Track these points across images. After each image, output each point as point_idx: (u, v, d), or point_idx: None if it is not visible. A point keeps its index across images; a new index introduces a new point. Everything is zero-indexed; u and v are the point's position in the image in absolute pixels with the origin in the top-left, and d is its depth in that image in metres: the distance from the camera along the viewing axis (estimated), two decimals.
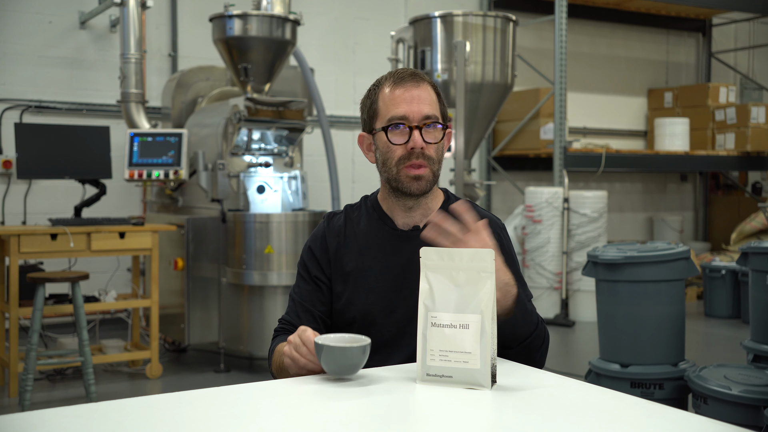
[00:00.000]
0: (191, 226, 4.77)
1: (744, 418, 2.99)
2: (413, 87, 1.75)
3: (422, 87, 1.76)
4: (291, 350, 1.56)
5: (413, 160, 1.73)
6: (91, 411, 1.30)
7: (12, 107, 5.74)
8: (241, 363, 4.92)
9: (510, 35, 5.67)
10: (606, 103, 8.69)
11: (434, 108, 1.76)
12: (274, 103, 5.03)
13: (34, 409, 2.26)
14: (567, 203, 6.45)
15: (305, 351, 1.53)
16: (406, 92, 1.74)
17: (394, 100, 1.75)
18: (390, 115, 1.74)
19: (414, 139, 1.73)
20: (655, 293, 3.47)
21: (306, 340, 1.53)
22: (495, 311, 1.48)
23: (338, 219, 1.89)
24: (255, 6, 5.23)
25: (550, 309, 6.37)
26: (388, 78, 1.79)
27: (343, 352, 1.46)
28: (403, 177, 1.75)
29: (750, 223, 7.66)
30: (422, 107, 1.74)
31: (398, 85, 1.75)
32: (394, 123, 1.74)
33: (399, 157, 1.75)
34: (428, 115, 1.74)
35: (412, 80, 1.75)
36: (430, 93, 1.76)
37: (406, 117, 1.73)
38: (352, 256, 1.83)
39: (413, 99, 1.74)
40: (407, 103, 1.73)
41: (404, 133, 1.74)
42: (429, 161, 1.75)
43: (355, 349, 1.46)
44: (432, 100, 1.76)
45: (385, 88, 1.78)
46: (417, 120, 1.73)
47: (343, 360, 1.46)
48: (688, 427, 1.24)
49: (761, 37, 9.44)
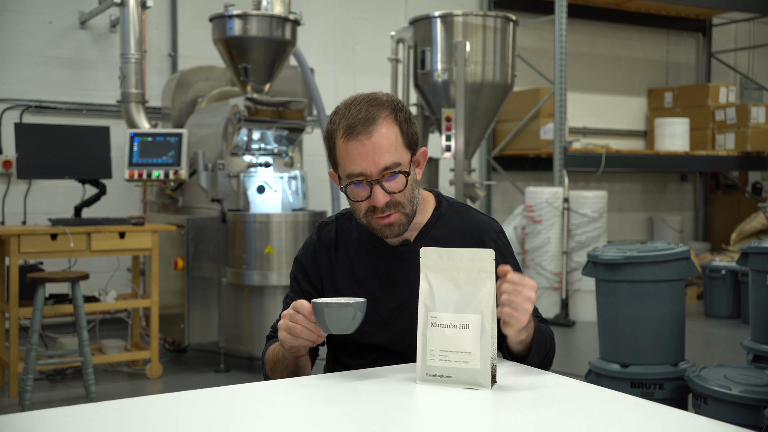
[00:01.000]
0: (191, 226, 4.77)
1: (744, 418, 2.99)
2: (365, 138, 1.62)
3: (376, 133, 1.62)
4: (286, 321, 1.57)
5: (379, 213, 1.67)
6: (91, 411, 1.30)
7: (12, 107, 5.74)
8: (241, 363, 4.92)
9: (510, 35, 5.67)
10: (606, 103, 8.69)
11: (393, 152, 1.64)
12: (274, 103, 5.03)
13: (34, 409, 2.26)
14: (567, 203, 6.45)
15: (301, 318, 1.54)
16: (359, 146, 1.62)
17: (349, 155, 1.63)
18: (348, 171, 1.65)
19: (375, 195, 1.64)
20: (655, 293, 3.47)
21: (301, 306, 1.54)
22: (495, 311, 1.48)
23: (329, 230, 1.85)
24: (255, 6, 5.23)
25: (550, 309, 6.37)
26: (341, 123, 1.65)
27: (341, 310, 1.49)
28: (375, 226, 1.70)
29: (750, 223, 7.66)
30: (378, 159, 1.62)
31: (350, 138, 1.62)
32: (354, 180, 1.65)
33: (365, 210, 1.69)
34: (386, 166, 1.63)
35: (364, 128, 1.62)
36: (387, 134, 1.63)
37: (363, 173, 1.63)
38: (344, 272, 1.80)
39: (367, 154, 1.62)
40: (362, 158, 1.62)
41: (365, 188, 1.65)
42: (397, 207, 1.67)
43: (352, 305, 1.50)
44: (390, 143, 1.63)
45: (339, 138, 1.65)
46: (375, 174, 1.63)
47: (340, 317, 1.49)
48: (688, 427, 1.24)
49: (761, 37, 9.44)
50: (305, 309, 1.53)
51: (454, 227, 1.80)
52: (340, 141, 1.65)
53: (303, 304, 1.54)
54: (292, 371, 1.69)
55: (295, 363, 1.67)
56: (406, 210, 1.69)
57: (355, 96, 1.71)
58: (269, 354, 1.76)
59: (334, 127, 1.67)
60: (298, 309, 1.54)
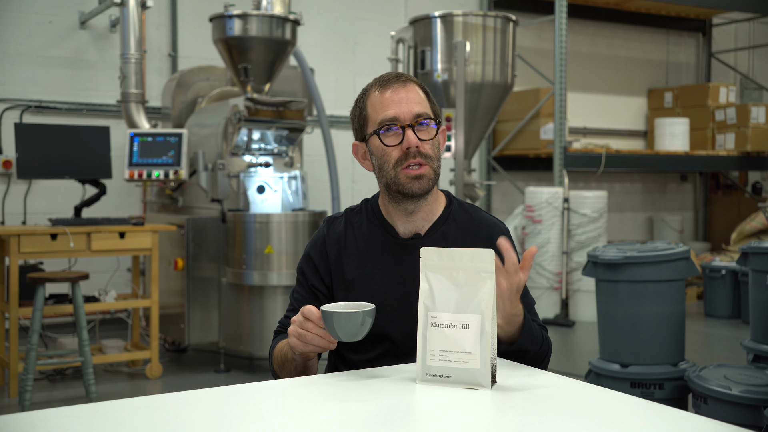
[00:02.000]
0: (191, 226, 4.77)
1: (744, 418, 2.99)
2: (400, 88, 1.74)
3: (409, 87, 1.75)
4: (296, 328, 1.56)
5: (410, 159, 1.71)
6: (91, 411, 1.30)
7: (12, 107, 5.74)
8: (241, 363, 4.92)
9: (510, 35, 5.67)
10: (606, 103, 8.69)
11: (424, 106, 1.74)
12: (274, 103, 5.03)
13: (34, 409, 2.26)
14: (567, 203, 6.45)
15: (311, 325, 1.54)
16: (394, 94, 1.73)
17: (383, 102, 1.73)
18: (380, 118, 1.73)
19: (408, 138, 1.71)
20: (655, 293, 3.47)
21: (310, 313, 1.54)
22: (495, 311, 1.48)
23: (338, 224, 1.87)
24: (255, 6, 5.23)
25: (550, 309, 6.37)
26: (374, 84, 1.78)
27: (350, 317, 1.49)
28: (403, 179, 1.73)
29: (750, 223, 7.66)
30: (412, 106, 1.72)
31: (385, 89, 1.74)
32: (386, 125, 1.72)
33: (396, 159, 1.72)
34: (419, 113, 1.72)
35: (398, 82, 1.75)
36: (418, 93, 1.76)
37: (397, 117, 1.72)
38: (353, 264, 1.81)
39: (401, 100, 1.72)
40: (396, 104, 1.72)
41: (397, 134, 1.72)
42: (427, 159, 1.73)
43: (361, 313, 1.49)
44: (421, 99, 1.75)
45: (372, 94, 1.76)
46: (408, 119, 1.72)
47: (349, 323, 1.49)
48: (688, 427, 1.24)
49: (761, 37, 9.44)
50: (314, 315, 1.53)
51: (464, 225, 1.83)
52: (375, 94, 1.76)
53: (312, 310, 1.53)
54: (301, 372, 1.70)
55: (304, 365, 1.68)
56: (434, 165, 1.76)
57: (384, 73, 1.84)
58: (277, 352, 1.76)
59: (366, 90, 1.79)
60: (307, 316, 1.54)
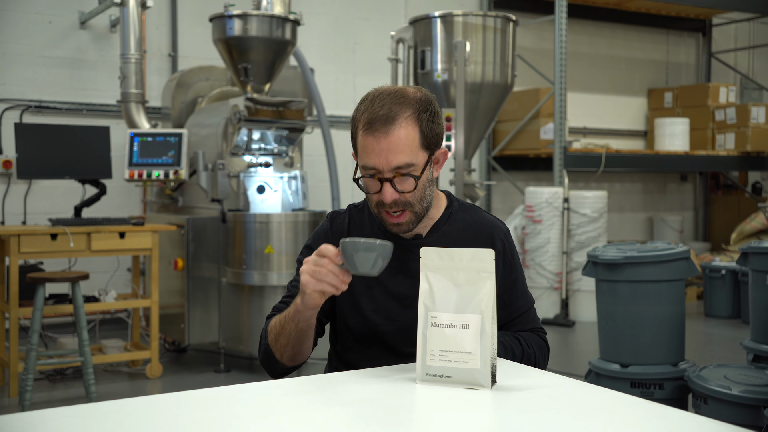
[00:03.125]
0: (191, 226, 4.77)
1: (744, 418, 2.99)
2: (382, 137, 1.63)
3: (393, 134, 1.63)
4: (310, 265, 1.55)
5: (388, 209, 1.70)
6: (91, 411, 1.30)
7: (12, 107, 5.74)
8: (241, 363, 4.92)
9: (510, 35, 5.67)
10: (606, 103, 8.69)
11: (408, 153, 1.65)
12: (274, 103, 5.03)
13: (34, 409, 2.26)
14: (567, 203, 6.45)
15: (327, 261, 1.53)
16: (375, 142, 1.64)
17: (365, 149, 1.66)
18: (362, 162, 1.68)
19: (384, 192, 1.67)
20: (655, 293, 3.47)
21: (326, 250, 1.53)
22: (495, 311, 1.48)
23: (342, 220, 1.87)
24: (255, 6, 5.23)
25: (550, 309, 6.37)
26: (364, 114, 1.67)
27: (371, 246, 1.49)
28: (384, 219, 1.74)
29: (750, 223, 7.66)
30: (392, 159, 1.64)
31: (368, 133, 1.65)
32: (367, 173, 1.68)
33: (376, 203, 1.72)
34: (399, 166, 1.65)
35: (383, 126, 1.63)
36: (405, 136, 1.64)
37: (376, 169, 1.66)
38: None
39: (382, 151, 1.64)
40: (376, 154, 1.64)
41: (377, 183, 1.68)
42: (407, 206, 1.70)
43: (380, 245, 1.49)
44: (406, 144, 1.65)
45: (359, 129, 1.67)
46: (387, 172, 1.66)
47: (369, 254, 1.49)
48: (688, 427, 1.24)
49: (761, 37, 9.44)
50: (330, 252, 1.53)
51: (465, 225, 1.83)
52: (360, 133, 1.67)
53: (328, 247, 1.54)
54: (296, 340, 1.67)
55: (306, 322, 1.64)
56: (416, 209, 1.72)
57: (384, 88, 1.72)
58: (273, 322, 1.74)
59: (358, 116, 1.70)
60: (324, 253, 1.53)
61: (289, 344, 1.69)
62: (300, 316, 1.64)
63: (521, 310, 1.83)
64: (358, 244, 1.49)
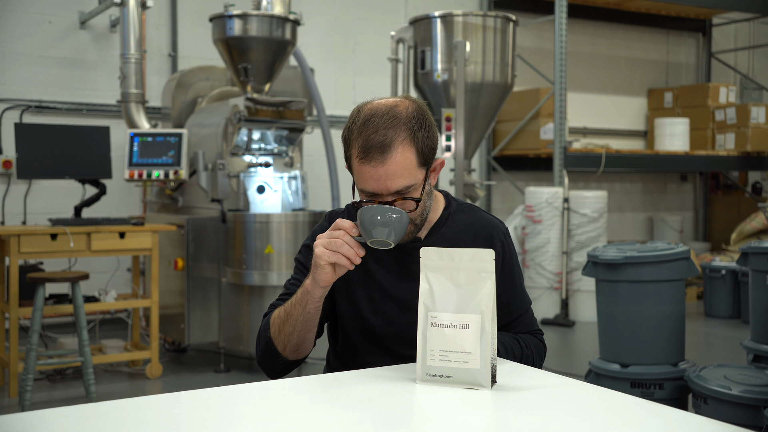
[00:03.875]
0: (191, 226, 4.77)
1: (744, 418, 2.99)
2: (379, 165, 1.60)
3: (390, 160, 1.60)
4: (325, 238, 1.58)
5: None
6: (91, 411, 1.30)
7: (12, 107, 5.74)
8: (241, 363, 4.92)
9: (510, 35, 5.67)
10: (606, 103, 8.69)
11: (407, 176, 1.63)
12: (274, 103, 5.03)
13: (34, 409, 2.26)
14: (567, 203, 6.45)
15: (342, 233, 1.56)
16: (373, 170, 1.61)
17: (362, 176, 1.64)
18: (360, 187, 1.67)
19: None
20: (655, 293, 3.47)
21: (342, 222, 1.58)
22: (495, 311, 1.48)
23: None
24: (255, 6, 5.23)
25: (550, 309, 6.37)
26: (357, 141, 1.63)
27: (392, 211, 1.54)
28: None
29: (750, 223, 7.66)
30: (391, 184, 1.62)
31: (365, 162, 1.61)
32: (367, 196, 1.67)
33: None
34: (398, 190, 1.64)
35: (379, 155, 1.60)
36: (402, 160, 1.62)
37: (375, 194, 1.65)
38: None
39: (380, 177, 1.62)
40: (375, 181, 1.62)
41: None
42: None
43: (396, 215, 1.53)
44: (404, 168, 1.62)
45: (354, 156, 1.64)
46: (386, 197, 1.64)
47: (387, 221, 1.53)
48: (688, 427, 1.24)
49: (761, 37, 9.44)
50: (346, 224, 1.57)
51: (464, 226, 1.82)
52: (356, 160, 1.64)
53: (344, 220, 1.58)
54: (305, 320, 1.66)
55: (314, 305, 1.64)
56: (417, 222, 1.73)
57: (375, 106, 1.65)
58: (276, 313, 1.73)
59: (351, 139, 1.65)
60: (339, 225, 1.58)
61: (295, 332, 1.67)
62: (309, 298, 1.62)
63: (519, 312, 1.83)
64: (375, 210, 1.54)
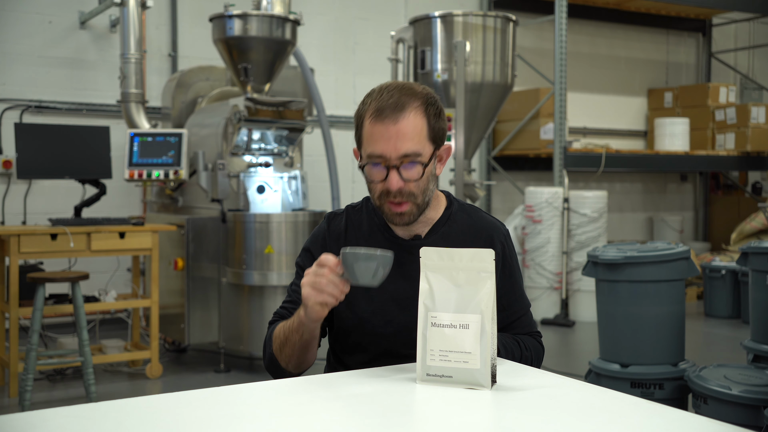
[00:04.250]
0: (191, 226, 4.77)
1: (744, 418, 2.98)
2: (392, 123, 1.64)
3: (404, 120, 1.65)
4: (310, 277, 1.56)
5: (392, 198, 1.70)
6: (91, 411, 1.30)
7: (12, 107, 5.74)
8: (241, 363, 4.92)
9: (510, 35, 5.67)
10: (606, 103, 8.69)
11: (416, 141, 1.66)
12: (274, 103, 5.03)
13: (34, 409, 2.26)
14: (567, 203, 6.45)
15: (327, 271, 1.53)
16: (384, 129, 1.65)
17: (373, 137, 1.66)
18: (369, 151, 1.68)
19: (390, 179, 1.67)
20: (655, 293, 3.47)
21: (326, 260, 1.54)
22: (495, 311, 1.48)
23: (339, 221, 1.86)
24: (255, 6, 5.23)
25: (550, 309, 6.37)
26: (372, 104, 1.68)
27: (370, 257, 1.49)
28: (386, 210, 1.73)
29: (750, 223, 7.66)
30: (400, 145, 1.65)
31: (378, 120, 1.65)
32: (373, 161, 1.68)
33: (380, 192, 1.71)
34: (407, 154, 1.65)
35: (392, 114, 1.65)
36: (413, 124, 1.66)
37: (383, 156, 1.66)
38: None
39: (390, 137, 1.64)
40: (384, 141, 1.65)
41: (382, 171, 1.68)
42: (410, 197, 1.70)
43: (380, 255, 1.50)
44: (415, 132, 1.66)
45: (367, 118, 1.68)
46: (394, 159, 1.66)
47: (369, 264, 1.49)
48: (688, 427, 1.24)
49: (761, 37, 9.44)
50: (330, 261, 1.54)
51: (464, 226, 1.82)
52: (368, 121, 1.68)
53: (328, 257, 1.55)
54: (301, 351, 1.68)
55: (310, 333, 1.66)
56: (418, 201, 1.72)
57: (390, 82, 1.75)
58: (277, 331, 1.74)
59: (364, 108, 1.70)
60: (323, 263, 1.54)
61: (294, 354, 1.70)
62: (304, 329, 1.65)
63: (519, 314, 1.83)
64: (358, 255, 1.49)
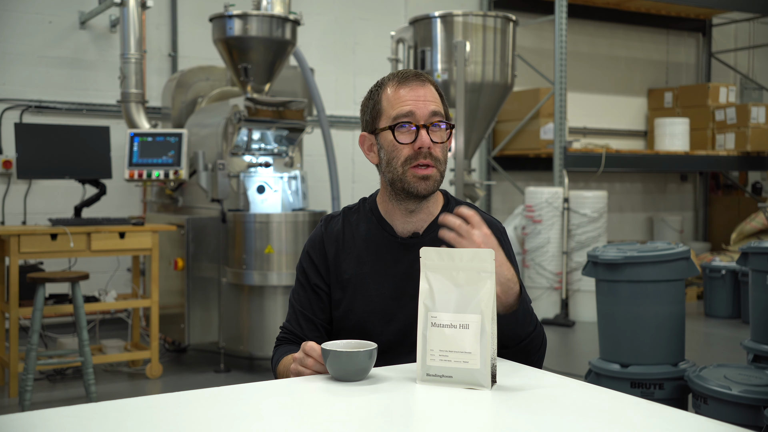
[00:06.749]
0: (191, 226, 4.77)
1: (744, 418, 2.99)
2: (418, 86, 1.73)
3: (427, 86, 1.74)
4: (296, 365, 1.58)
5: (420, 159, 1.71)
6: (91, 411, 1.30)
7: (12, 107, 5.74)
8: (241, 363, 4.92)
9: (510, 35, 5.67)
10: (606, 103, 8.69)
11: (439, 107, 1.74)
12: (274, 103, 5.03)
13: (34, 409, 2.26)
14: (567, 203, 6.45)
15: (311, 362, 1.54)
16: (411, 91, 1.72)
17: (400, 99, 1.72)
18: (396, 113, 1.72)
19: (421, 137, 1.70)
20: (655, 293, 3.46)
21: (311, 350, 1.54)
22: (495, 311, 1.48)
23: (336, 223, 1.86)
24: (255, 6, 5.23)
25: (550, 309, 6.37)
26: (392, 78, 1.76)
27: (350, 357, 1.47)
28: (410, 177, 1.72)
29: (750, 223, 7.66)
30: (429, 105, 1.71)
31: (403, 85, 1.73)
32: (401, 122, 1.71)
33: (406, 157, 1.72)
34: (435, 112, 1.72)
35: (416, 79, 1.74)
36: (434, 92, 1.75)
37: (413, 114, 1.70)
38: (351, 263, 1.81)
39: (419, 97, 1.71)
40: (413, 101, 1.71)
41: (410, 132, 1.71)
42: (436, 161, 1.73)
43: (362, 353, 1.47)
44: (437, 100, 1.74)
45: (388, 88, 1.75)
46: (424, 118, 1.71)
47: (350, 364, 1.47)
48: (688, 427, 1.24)
49: (761, 37, 9.44)
50: (315, 352, 1.54)
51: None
52: (391, 89, 1.75)
53: (313, 347, 1.54)
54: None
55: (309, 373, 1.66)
56: (441, 168, 1.75)
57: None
58: (281, 368, 1.76)
59: (383, 83, 1.78)
60: (308, 352, 1.55)
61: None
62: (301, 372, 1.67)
63: None
64: (340, 355, 1.47)
